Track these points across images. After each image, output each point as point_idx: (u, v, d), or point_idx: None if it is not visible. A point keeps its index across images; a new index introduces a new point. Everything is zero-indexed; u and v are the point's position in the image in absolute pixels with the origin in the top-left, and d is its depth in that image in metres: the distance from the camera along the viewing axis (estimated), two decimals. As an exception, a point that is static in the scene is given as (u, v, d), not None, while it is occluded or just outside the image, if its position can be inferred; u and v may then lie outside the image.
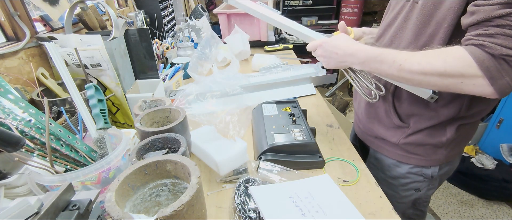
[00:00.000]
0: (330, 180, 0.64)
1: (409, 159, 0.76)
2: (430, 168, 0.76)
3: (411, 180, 0.78)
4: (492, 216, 1.70)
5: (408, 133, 0.72)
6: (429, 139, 0.71)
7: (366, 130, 0.85)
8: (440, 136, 0.70)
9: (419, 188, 0.79)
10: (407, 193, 0.81)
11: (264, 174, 0.65)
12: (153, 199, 0.50)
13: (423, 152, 0.74)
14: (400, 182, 0.80)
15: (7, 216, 0.34)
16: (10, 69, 0.79)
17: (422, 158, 0.75)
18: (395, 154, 0.78)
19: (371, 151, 0.87)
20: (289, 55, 1.57)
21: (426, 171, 0.76)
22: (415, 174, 0.77)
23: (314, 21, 3.24)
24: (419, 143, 0.72)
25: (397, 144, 0.75)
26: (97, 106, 0.56)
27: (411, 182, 0.79)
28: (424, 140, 0.71)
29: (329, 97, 2.98)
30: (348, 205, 0.57)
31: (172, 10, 2.04)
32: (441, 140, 0.70)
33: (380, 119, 0.78)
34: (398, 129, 0.74)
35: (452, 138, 0.70)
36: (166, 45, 1.40)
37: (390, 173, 0.81)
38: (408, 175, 0.78)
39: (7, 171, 0.56)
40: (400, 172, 0.79)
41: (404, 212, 0.88)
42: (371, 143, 0.85)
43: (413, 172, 0.77)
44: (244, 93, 1.03)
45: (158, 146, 0.57)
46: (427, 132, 0.71)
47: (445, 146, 0.71)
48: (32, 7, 0.94)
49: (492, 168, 1.86)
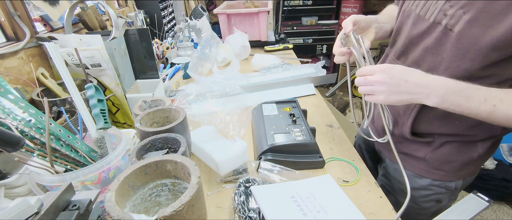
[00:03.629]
0: (332, 180, 0.64)
1: (433, 175, 0.70)
2: (454, 182, 0.70)
3: (433, 192, 0.73)
4: (492, 216, 1.70)
5: (436, 146, 0.66)
6: (458, 156, 0.65)
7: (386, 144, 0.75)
8: (471, 152, 0.64)
9: (440, 199, 0.74)
10: (427, 205, 0.75)
11: (264, 174, 0.65)
12: (153, 199, 0.50)
13: (449, 168, 0.68)
14: (420, 193, 0.74)
15: (7, 216, 0.34)
16: (10, 69, 0.79)
17: (448, 174, 0.69)
18: (419, 168, 0.71)
19: (388, 161, 0.81)
20: (289, 55, 1.57)
21: (449, 184, 0.70)
22: (437, 186, 0.71)
23: (314, 21, 3.24)
24: (448, 160, 0.66)
25: (424, 158, 0.69)
26: (97, 106, 0.56)
27: (433, 194, 0.73)
28: (452, 156, 0.65)
29: (329, 97, 2.98)
30: (350, 206, 0.57)
31: (172, 10, 2.04)
32: (472, 156, 0.64)
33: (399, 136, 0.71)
34: (422, 144, 0.69)
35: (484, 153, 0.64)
36: (166, 45, 1.40)
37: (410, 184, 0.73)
38: (430, 186, 0.72)
39: (7, 171, 0.56)
40: (421, 184, 0.73)
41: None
42: (391, 155, 0.76)
43: (435, 184, 0.71)
44: (244, 93, 1.03)
45: (158, 146, 0.57)
46: (457, 146, 0.64)
47: (475, 162, 0.65)
48: (32, 7, 0.94)
49: (492, 168, 1.86)
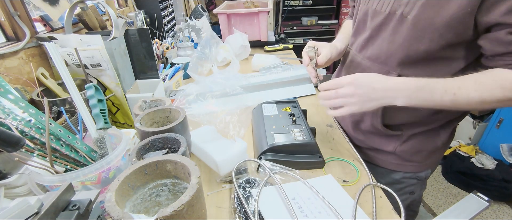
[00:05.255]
0: (334, 180, 0.64)
1: (405, 167, 0.75)
2: (424, 172, 0.75)
3: (406, 184, 0.78)
4: (492, 216, 1.70)
5: (404, 139, 0.71)
6: (424, 145, 0.70)
7: (358, 142, 0.81)
8: (436, 140, 0.69)
9: (413, 190, 0.79)
10: (402, 197, 0.78)
11: (264, 174, 0.65)
12: (153, 199, 0.50)
13: (419, 158, 0.73)
14: (395, 187, 0.76)
15: (7, 216, 0.34)
16: (10, 69, 0.79)
17: (418, 164, 0.74)
18: (390, 163, 0.76)
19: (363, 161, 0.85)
20: (289, 55, 1.57)
21: (420, 174, 0.76)
22: (409, 178, 0.76)
23: (314, 21, 3.25)
24: (416, 150, 0.71)
25: (394, 152, 0.73)
26: (97, 106, 0.56)
27: (406, 186, 0.78)
28: (420, 146, 0.70)
29: (329, 97, 2.97)
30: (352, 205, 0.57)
31: (172, 10, 2.04)
32: (437, 144, 0.70)
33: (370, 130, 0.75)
34: (392, 137, 0.72)
35: (446, 140, 0.69)
36: (166, 45, 1.40)
37: (384, 179, 0.79)
38: (403, 179, 0.77)
39: (7, 171, 0.56)
40: (394, 178, 0.78)
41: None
42: (364, 154, 0.80)
43: (407, 177, 0.76)
44: (244, 93, 1.03)
45: (158, 146, 0.57)
46: (423, 137, 0.69)
47: (440, 149, 0.71)
48: (32, 7, 0.94)
49: (492, 168, 1.86)
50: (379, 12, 0.65)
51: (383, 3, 0.64)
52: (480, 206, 0.63)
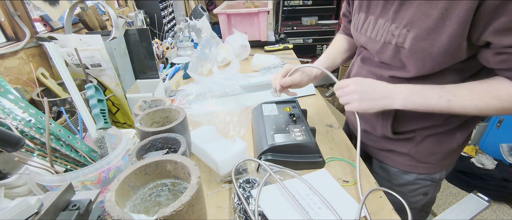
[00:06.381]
0: (327, 174, 0.65)
1: (419, 168, 0.73)
2: (438, 173, 0.74)
3: (420, 186, 0.76)
4: (492, 216, 1.70)
5: (418, 141, 0.70)
6: (440, 147, 0.69)
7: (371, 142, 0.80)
8: (452, 142, 0.68)
9: (427, 192, 0.78)
10: (416, 199, 0.79)
11: (264, 174, 0.65)
12: (153, 199, 0.50)
13: (433, 160, 0.71)
14: (408, 188, 0.78)
15: (7, 216, 0.34)
16: (10, 69, 0.79)
17: (432, 166, 0.72)
18: (404, 164, 0.75)
19: (375, 161, 0.84)
20: (289, 55, 1.57)
21: (434, 176, 0.74)
22: (423, 179, 0.75)
23: (314, 21, 3.25)
24: (431, 152, 0.70)
25: (408, 153, 0.72)
26: (97, 106, 0.56)
27: (420, 188, 0.77)
28: (435, 148, 0.69)
29: (329, 97, 2.98)
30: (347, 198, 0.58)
31: (172, 10, 2.04)
32: (453, 146, 0.68)
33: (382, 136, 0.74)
34: (405, 140, 0.71)
35: (462, 142, 0.68)
36: (166, 45, 1.40)
37: (397, 181, 0.78)
38: (416, 181, 0.76)
39: (7, 171, 0.56)
40: (408, 179, 0.76)
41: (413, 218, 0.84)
42: (376, 154, 0.81)
43: (421, 178, 0.75)
44: (244, 93, 1.03)
45: (158, 146, 0.57)
46: (438, 138, 0.68)
47: (455, 151, 0.70)
48: (32, 7, 0.94)
49: (492, 168, 1.86)
50: (374, 40, 0.65)
51: (377, 32, 0.64)
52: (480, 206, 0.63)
